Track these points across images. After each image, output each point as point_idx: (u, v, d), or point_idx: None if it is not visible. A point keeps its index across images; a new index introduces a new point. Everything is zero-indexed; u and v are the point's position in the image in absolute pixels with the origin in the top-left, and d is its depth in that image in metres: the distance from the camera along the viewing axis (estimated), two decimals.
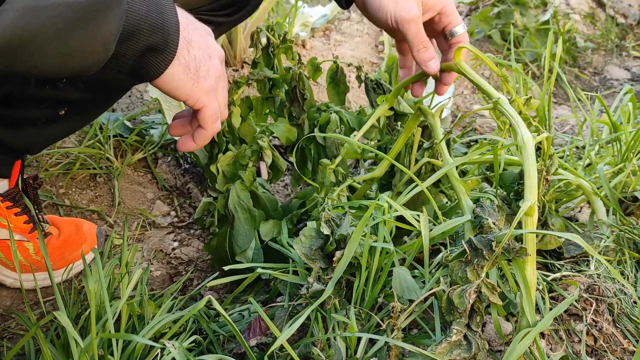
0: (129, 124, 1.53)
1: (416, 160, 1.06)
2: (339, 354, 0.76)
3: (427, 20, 0.94)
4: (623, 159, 1.24)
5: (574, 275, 0.94)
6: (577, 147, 1.55)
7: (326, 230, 0.87)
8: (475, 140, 1.57)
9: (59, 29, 0.58)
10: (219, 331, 0.91)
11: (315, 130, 1.17)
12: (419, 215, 0.90)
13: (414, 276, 0.89)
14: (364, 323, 0.83)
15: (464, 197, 0.87)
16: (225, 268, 0.96)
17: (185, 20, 0.72)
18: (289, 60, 1.21)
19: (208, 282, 1.00)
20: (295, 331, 0.77)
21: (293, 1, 2.05)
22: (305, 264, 0.87)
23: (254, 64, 1.21)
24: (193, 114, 0.79)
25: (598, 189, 1.13)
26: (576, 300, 0.88)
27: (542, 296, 0.87)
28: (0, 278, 1.11)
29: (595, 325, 0.88)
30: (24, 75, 0.62)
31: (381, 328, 0.81)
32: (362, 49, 2.16)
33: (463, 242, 0.75)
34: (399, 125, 1.16)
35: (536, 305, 0.84)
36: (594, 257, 0.98)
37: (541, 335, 0.84)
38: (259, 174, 1.46)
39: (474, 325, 0.73)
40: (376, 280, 0.86)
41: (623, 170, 1.21)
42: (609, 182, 1.17)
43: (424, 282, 0.88)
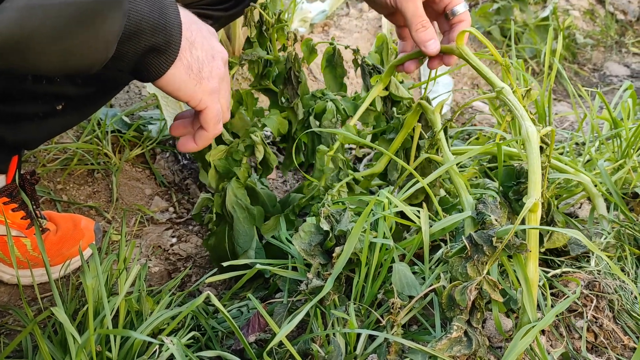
0: (126, 119, 1.52)
1: (415, 156, 1.06)
2: (338, 350, 0.76)
3: (427, 0, 0.92)
4: (623, 155, 1.24)
5: (574, 272, 0.94)
6: (577, 144, 1.55)
7: (325, 226, 0.87)
8: (474, 133, 1.57)
9: (59, 29, 0.58)
10: (217, 327, 0.90)
11: (311, 118, 1.15)
12: (419, 211, 0.90)
13: (414, 272, 0.89)
14: (364, 319, 0.83)
15: (464, 193, 0.87)
16: (224, 264, 0.95)
17: (189, 21, 0.72)
18: (283, 40, 1.19)
19: (206, 278, 1.00)
20: (294, 327, 0.77)
21: None
22: (304, 259, 0.87)
23: (247, 43, 1.18)
24: (195, 115, 0.79)
25: (596, 186, 1.13)
26: (577, 297, 0.88)
27: (543, 293, 0.87)
28: None
29: (596, 322, 0.87)
30: (25, 73, 0.62)
31: (381, 324, 0.80)
32: (361, 44, 2.16)
33: (463, 238, 0.74)
34: (395, 112, 1.14)
35: (537, 301, 0.84)
36: (595, 254, 0.98)
37: (541, 331, 0.84)
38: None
39: (474, 322, 0.72)
40: (376, 277, 0.86)
41: (623, 167, 1.20)
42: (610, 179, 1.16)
43: (424, 278, 0.88)
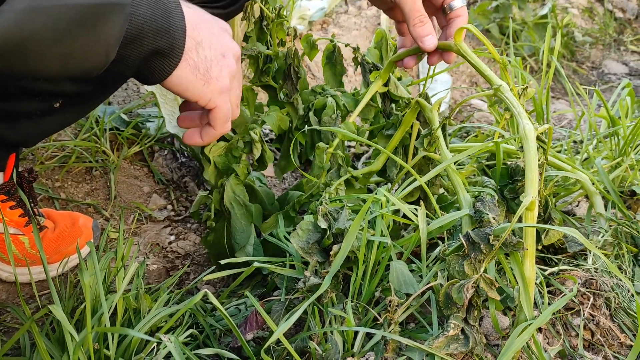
0: (125, 117, 1.52)
1: (414, 154, 1.06)
2: (335, 348, 0.76)
3: None
4: (621, 153, 1.24)
5: (571, 270, 0.94)
6: (575, 142, 1.55)
7: (323, 224, 0.87)
8: (472, 131, 1.57)
9: (59, 31, 0.57)
10: (215, 325, 0.90)
11: (310, 114, 1.15)
12: (416, 209, 0.90)
13: (412, 270, 0.89)
14: (361, 317, 0.83)
15: (462, 191, 0.87)
16: (222, 262, 0.95)
17: (197, 19, 0.71)
18: (283, 36, 1.18)
19: (204, 276, 1.00)
20: (292, 325, 0.77)
21: None
22: (302, 257, 0.87)
23: (246, 38, 1.17)
24: (204, 110, 0.78)
25: (594, 184, 1.13)
26: (574, 295, 0.88)
27: (540, 290, 0.87)
28: None
29: (593, 320, 0.88)
30: (25, 75, 0.62)
31: (378, 322, 0.80)
32: (360, 42, 2.15)
33: (460, 236, 0.74)
34: (394, 108, 1.14)
35: (533, 299, 0.84)
36: (592, 252, 0.98)
37: (538, 329, 0.84)
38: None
39: (471, 320, 0.73)
40: (373, 274, 0.86)
41: (621, 165, 1.21)
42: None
43: (421, 276, 0.88)
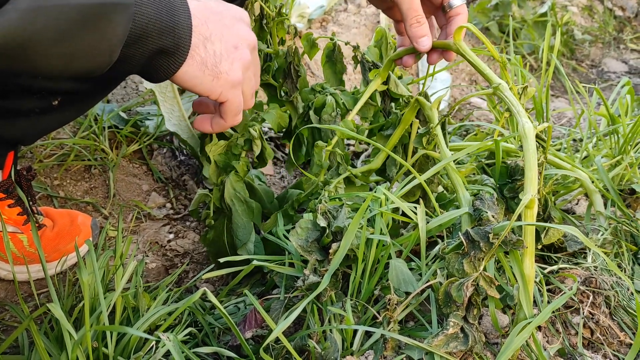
0: (124, 115, 1.51)
1: (413, 152, 1.06)
2: (335, 346, 0.76)
3: None
4: (621, 152, 1.24)
5: (571, 268, 0.94)
6: (575, 140, 1.55)
7: (322, 223, 0.87)
8: (471, 129, 1.57)
9: (61, 31, 0.57)
10: (214, 323, 0.90)
11: (310, 112, 1.15)
12: (416, 208, 0.90)
13: (411, 268, 0.89)
14: (360, 315, 0.83)
15: (462, 190, 0.87)
16: (221, 260, 0.95)
17: (207, 13, 0.70)
18: (283, 34, 1.18)
19: (203, 274, 1.00)
20: (291, 323, 0.77)
21: None
22: (301, 256, 0.87)
23: None
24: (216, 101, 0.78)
25: (593, 182, 1.13)
26: (573, 293, 0.88)
27: (539, 289, 0.87)
28: None
29: (592, 318, 0.88)
30: (28, 74, 0.62)
31: (377, 320, 0.80)
32: (360, 40, 2.15)
33: (460, 234, 0.74)
34: (394, 107, 1.14)
35: (533, 297, 0.84)
36: (592, 250, 0.98)
37: (538, 327, 0.84)
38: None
39: (470, 318, 0.73)
40: (373, 273, 0.86)
41: (621, 163, 1.20)
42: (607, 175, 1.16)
43: (420, 275, 0.88)
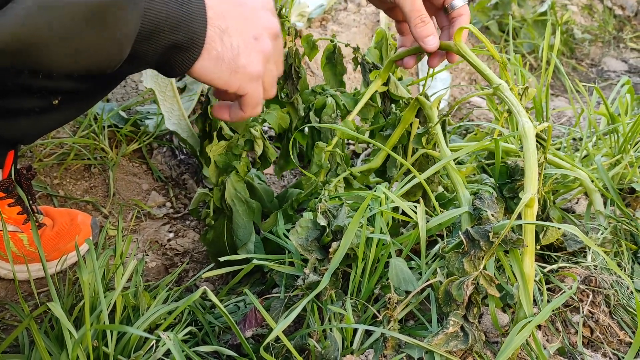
0: (123, 114, 1.51)
1: (413, 151, 1.06)
2: (335, 345, 0.76)
3: None
4: (620, 151, 1.24)
5: (571, 267, 0.94)
6: (574, 139, 1.55)
7: (323, 222, 0.87)
8: (471, 129, 1.57)
9: (69, 29, 0.56)
10: (214, 322, 0.90)
11: (311, 114, 1.15)
12: (416, 207, 0.90)
13: (411, 267, 0.89)
14: (361, 314, 0.83)
15: (461, 189, 0.87)
16: (221, 259, 0.95)
17: (224, 4, 0.67)
18: (283, 36, 1.18)
19: (203, 273, 1.00)
20: (291, 322, 0.77)
21: None
22: (301, 255, 0.87)
23: None
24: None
25: (593, 181, 1.13)
26: (573, 292, 0.88)
27: (539, 288, 0.87)
28: None
29: (592, 317, 0.88)
30: (38, 71, 0.61)
31: (377, 319, 0.80)
32: (359, 39, 2.15)
33: (460, 233, 0.74)
34: (394, 107, 1.14)
35: (533, 296, 0.84)
36: (591, 249, 0.98)
37: (538, 326, 0.84)
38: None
39: (470, 317, 0.73)
40: (373, 272, 0.86)
41: (620, 162, 1.20)
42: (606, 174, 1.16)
43: (420, 274, 0.88)
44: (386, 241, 0.85)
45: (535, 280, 0.86)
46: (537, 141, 0.80)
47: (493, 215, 0.78)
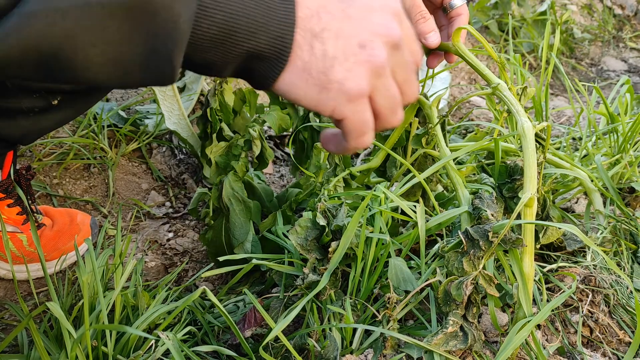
0: (123, 113, 1.51)
1: (413, 151, 1.06)
2: (334, 345, 0.76)
3: None
4: (620, 150, 1.24)
5: (570, 267, 0.94)
6: (574, 138, 1.55)
7: (322, 221, 0.87)
8: (471, 128, 1.57)
9: (94, 33, 0.45)
10: (213, 322, 0.90)
11: (310, 114, 1.15)
12: (415, 206, 0.90)
13: (410, 267, 0.89)
14: (360, 314, 0.83)
15: (461, 188, 0.87)
16: (221, 259, 0.95)
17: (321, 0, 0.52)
18: None
19: (203, 273, 1.00)
20: (290, 322, 0.77)
21: None
22: (300, 254, 0.87)
23: None
24: None
25: (592, 181, 1.13)
26: (572, 292, 0.88)
27: (539, 287, 0.87)
28: None
29: (591, 316, 0.88)
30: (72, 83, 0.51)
31: (377, 319, 0.80)
32: None
33: (459, 233, 0.74)
34: None
35: (532, 296, 0.84)
36: (591, 249, 0.98)
37: (537, 326, 0.84)
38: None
39: (470, 317, 0.73)
40: (372, 271, 0.86)
41: (620, 162, 1.20)
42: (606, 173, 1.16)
43: (420, 273, 0.88)
44: (385, 241, 0.85)
45: (534, 280, 0.86)
46: (537, 141, 0.80)
47: (492, 215, 0.78)
